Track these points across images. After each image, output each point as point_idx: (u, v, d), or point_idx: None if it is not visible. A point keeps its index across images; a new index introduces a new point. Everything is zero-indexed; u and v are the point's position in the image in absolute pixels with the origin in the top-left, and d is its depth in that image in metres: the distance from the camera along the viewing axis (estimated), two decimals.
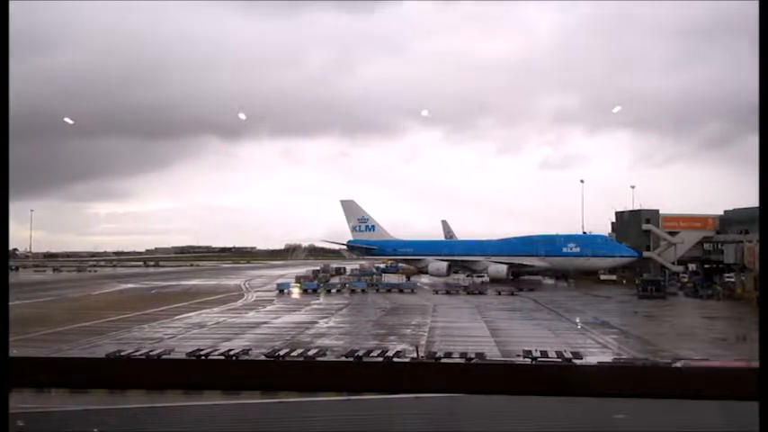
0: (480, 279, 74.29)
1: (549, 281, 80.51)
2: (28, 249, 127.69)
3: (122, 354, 28.18)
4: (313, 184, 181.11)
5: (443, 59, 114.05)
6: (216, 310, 50.86)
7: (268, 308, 53.55)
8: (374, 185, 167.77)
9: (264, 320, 45.01)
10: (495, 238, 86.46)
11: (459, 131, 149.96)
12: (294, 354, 29.96)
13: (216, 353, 29.56)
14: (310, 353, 30.30)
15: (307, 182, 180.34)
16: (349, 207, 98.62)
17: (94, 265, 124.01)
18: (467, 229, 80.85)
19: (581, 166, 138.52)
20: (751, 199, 55.77)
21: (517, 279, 78.28)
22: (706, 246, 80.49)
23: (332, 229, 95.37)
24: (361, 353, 30.01)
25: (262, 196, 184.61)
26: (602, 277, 77.70)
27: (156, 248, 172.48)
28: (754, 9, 2.53)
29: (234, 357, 27.75)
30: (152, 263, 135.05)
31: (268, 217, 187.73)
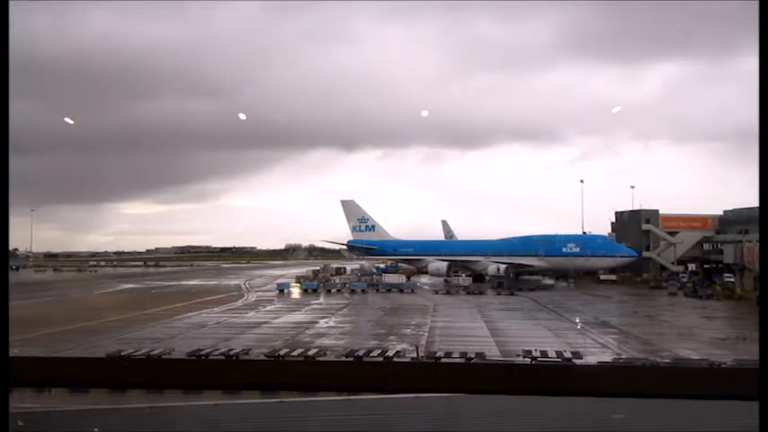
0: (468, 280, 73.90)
1: (549, 281, 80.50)
2: (28, 249, 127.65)
3: (122, 354, 28.15)
4: (385, 188, 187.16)
5: (562, 93, 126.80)
6: (216, 310, 50.85)
7: (268, 308, 53.55)
8: (443, 191, 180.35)
9: (264, 320, 45.01)
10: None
11: (547, 145, 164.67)
12: (294, 354, 29.94)
13: (216, 353, 29.53)
14: (310, 353, 30.28)
15: (378, 186, 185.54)
16: (349, 207, 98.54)
17: (95, 266, 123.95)
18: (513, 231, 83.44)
19: (654, 172, 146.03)
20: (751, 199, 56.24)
21: (517, 279, 78.24)
22: (706, 246, 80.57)
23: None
24: (361, 353, 29.97)
25: (324, 197, 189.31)
26: (602, 277, 77.71)
27: (156, 248, 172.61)
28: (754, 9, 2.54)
29: (234, 357, 27.72)
30: (152, 263, 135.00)
31: (311, 217, 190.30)
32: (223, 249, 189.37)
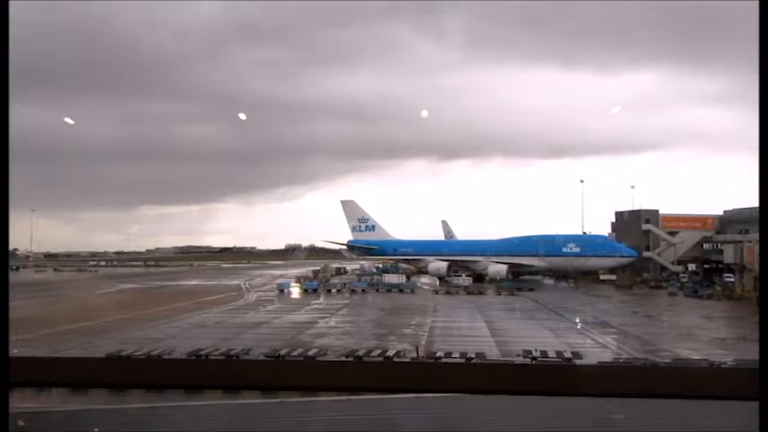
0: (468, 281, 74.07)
1: (549, 281, 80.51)
2: (29, 249, 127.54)
3: (122, 354, 28.16)
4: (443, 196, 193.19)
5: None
6: (216, 310, 50.86)
7: (268, 308, 53.54)
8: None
9: (265, 320, 45.01)
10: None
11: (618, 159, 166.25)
12: (294, 354, 29.96)
13: (216, 353, 29.55)
14: (310, 353, 30.30)
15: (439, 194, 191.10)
16: (349, 207, 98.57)
17: (95, 266, 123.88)
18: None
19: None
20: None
21: (517, 279, 78.26)
22: (706, 246, 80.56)
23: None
24: (361, 353, 30.00)
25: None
26: (602, 277, 77.74)
27: (156, 248, 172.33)
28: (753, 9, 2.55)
29: (234, 357, 27.74)
30: (152, 263, 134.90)
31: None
32: (223, 249, 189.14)
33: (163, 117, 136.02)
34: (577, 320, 44.35)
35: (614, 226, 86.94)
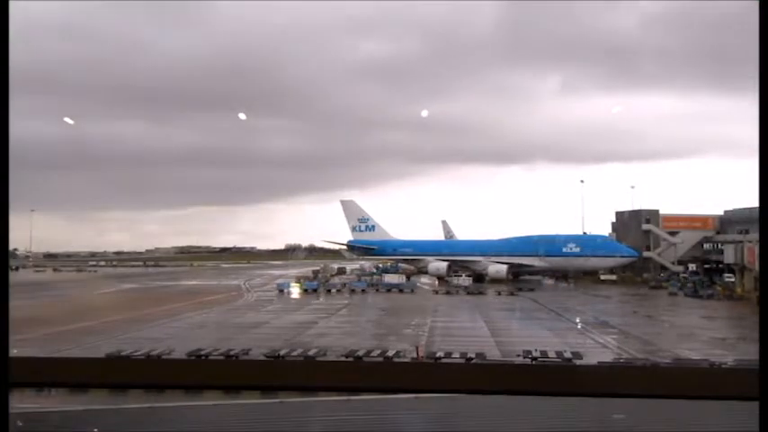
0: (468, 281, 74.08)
1: (549, 281, 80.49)
2: (28, 249, 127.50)
3: (122, 354, 28.16)
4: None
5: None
6: (216, 309, 50.86)
7: (268, 308, 53.54)
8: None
9: (264, 320, 45.00)
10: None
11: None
12: (294, 354, 29.96)
13: (216, 353, 29.55)
14: (310, 353, 30.30)
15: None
16: (349, 207, 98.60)
17: (95, 266, 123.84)
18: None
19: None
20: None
21: (517, 279, 78.26)
22: (706, 246, 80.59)
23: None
24: (361, 353, 29.99)
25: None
26: (602, 277, 77.75)
27: (156, 248, 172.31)
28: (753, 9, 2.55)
29: (234, 357, 27.75)
30: (152, 263, 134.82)
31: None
32: (223, 249, 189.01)
33: (262, 129, 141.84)
34: (577, 320, 44.35)
35: (615, 226, 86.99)
